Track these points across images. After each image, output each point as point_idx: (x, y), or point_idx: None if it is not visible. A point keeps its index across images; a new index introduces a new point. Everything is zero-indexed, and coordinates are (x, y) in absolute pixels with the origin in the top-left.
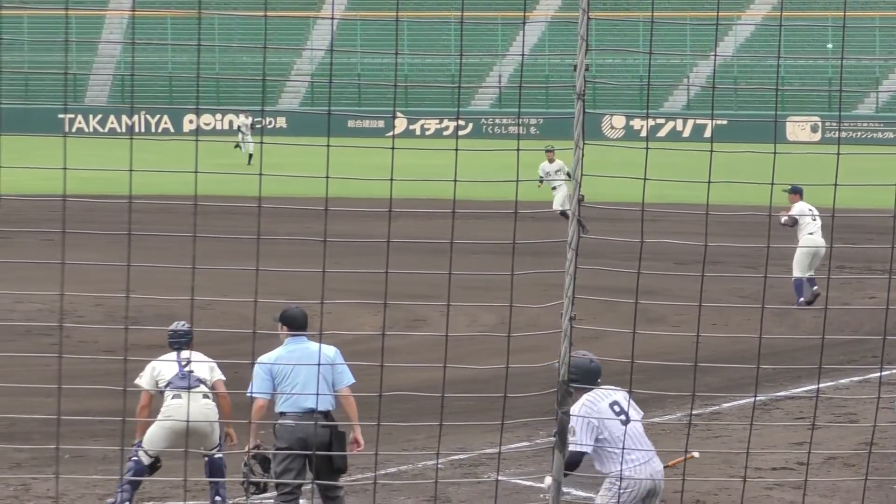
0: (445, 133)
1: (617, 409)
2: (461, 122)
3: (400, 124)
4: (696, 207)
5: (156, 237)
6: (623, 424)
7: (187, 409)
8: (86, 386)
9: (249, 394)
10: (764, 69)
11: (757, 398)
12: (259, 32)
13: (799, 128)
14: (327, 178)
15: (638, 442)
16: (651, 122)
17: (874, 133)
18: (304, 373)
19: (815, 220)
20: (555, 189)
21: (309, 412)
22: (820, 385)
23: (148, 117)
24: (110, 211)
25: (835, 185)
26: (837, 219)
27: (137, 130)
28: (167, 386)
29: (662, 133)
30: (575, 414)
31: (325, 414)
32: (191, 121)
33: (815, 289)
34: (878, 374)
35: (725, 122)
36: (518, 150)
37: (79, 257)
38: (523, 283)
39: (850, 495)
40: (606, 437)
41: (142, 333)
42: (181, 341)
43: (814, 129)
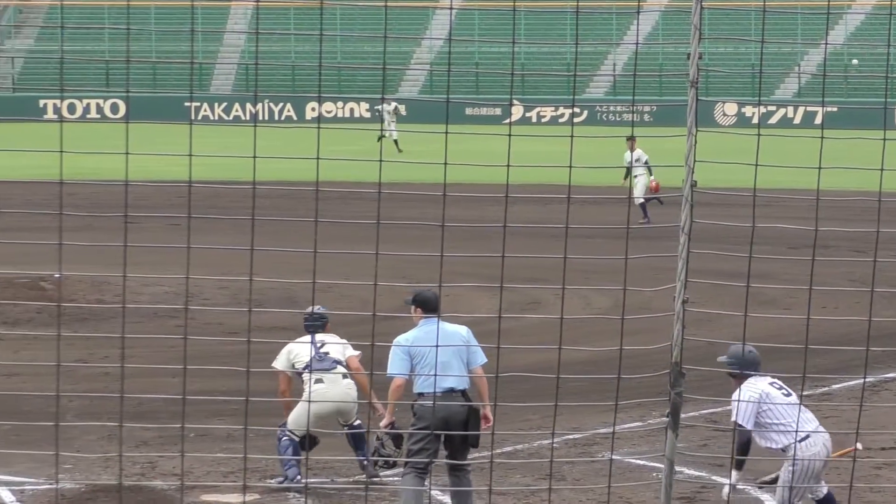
0: (561, 120)
1: (777, 385)
2: (576, 110)
3: (516, 112)
4: (808, 193)
5: (278, 222)
6: (786, 396)
7: (331, 394)
8: (210, 367)
9: (389, 374)
10: (875, 57)
11: (866, 379)
12: (380, 22)
13: None
14: (445, 165)
15: (804, 416)
16: (763, 110)
17: None
18: (442, 353)
19: None
20: (636, 178)
21: (448, 391)
22: None
23: (271, 105)
24: (234, 196)
25: None
26: None
27: (261, 118)
28: (305, 368)
29: (774, 120)
30: (735, 399)
31: (462, 392)
32: (313, 108)
33: None
34: None
35: (835, 110)
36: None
37: (204, 241)
38: (636, 267)
39: None
40: (770, 414)
41: (265, 315)
42: (316, 324)
43: None
